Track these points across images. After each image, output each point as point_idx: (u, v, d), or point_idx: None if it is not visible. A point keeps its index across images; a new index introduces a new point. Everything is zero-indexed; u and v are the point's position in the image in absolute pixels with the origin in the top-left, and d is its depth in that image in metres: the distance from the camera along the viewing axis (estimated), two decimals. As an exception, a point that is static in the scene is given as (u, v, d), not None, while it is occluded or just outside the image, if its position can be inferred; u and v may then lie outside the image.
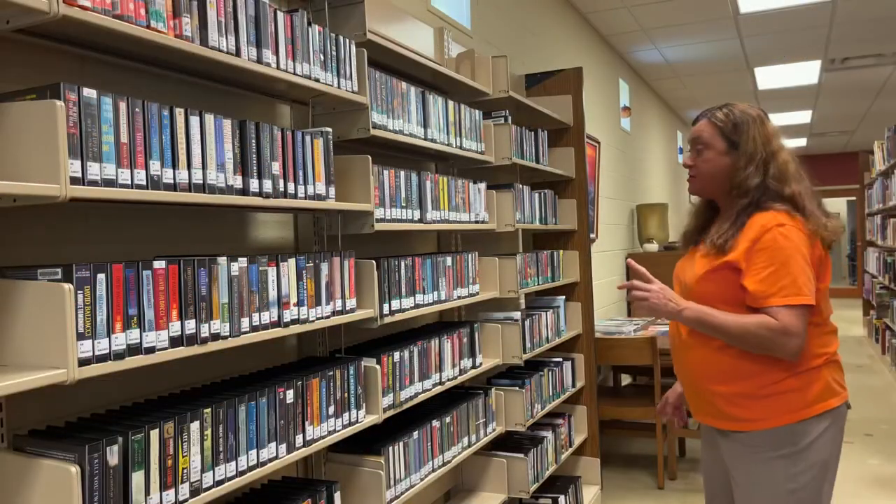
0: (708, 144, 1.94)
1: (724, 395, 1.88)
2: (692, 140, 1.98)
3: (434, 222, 2.52)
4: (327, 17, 2.23)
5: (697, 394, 1.97)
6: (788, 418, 1.81)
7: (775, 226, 1.80)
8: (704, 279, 1.88)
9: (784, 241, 1.79)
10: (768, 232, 1.80)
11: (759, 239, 1.80)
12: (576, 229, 3.93)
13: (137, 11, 1.42)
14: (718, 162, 1.93)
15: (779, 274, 1.77)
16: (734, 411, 1.86)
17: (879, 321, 8.32)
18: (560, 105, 3.90)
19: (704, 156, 1.94)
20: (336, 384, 1.96)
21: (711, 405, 1.92)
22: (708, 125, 1.95)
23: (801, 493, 1.81)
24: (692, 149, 1.98)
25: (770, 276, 1.77)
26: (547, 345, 3.45)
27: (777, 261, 1.78)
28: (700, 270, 1.90)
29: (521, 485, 3.01)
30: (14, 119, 1.24)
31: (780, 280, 1.77)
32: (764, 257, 1.79)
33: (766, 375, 1.82)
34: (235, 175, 1.64)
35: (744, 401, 1.84)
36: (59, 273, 1.27)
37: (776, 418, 1.82)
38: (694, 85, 8.17)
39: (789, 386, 1.81)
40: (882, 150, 7.52)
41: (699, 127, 1.97)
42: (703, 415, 1.98)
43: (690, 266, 1.97)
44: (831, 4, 5.48)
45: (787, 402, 1.81)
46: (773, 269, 1.78)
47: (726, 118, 1.93)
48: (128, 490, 1.35)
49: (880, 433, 5.24)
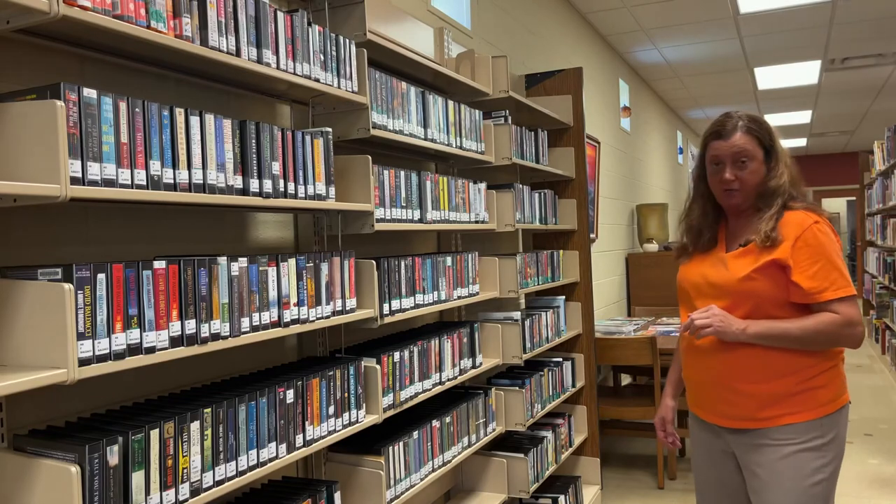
0: (752, 156, 1.95)
1: (755, 394, 1.90)
2: (736, 154, 1.94)
3: (434, 222, 2.52)
4: (327, 17, 2.24)
5: (720, 395, 1.96)
6: (816, 413, 1.88)
7: (812, 223, 1.88)
8: (750, 278, 1.89)
9: (824, 238, 1.88)
10: (807, 230, 1.87)
11: (801, 236, 1.86)
12: (576, 229, 3.93)
13: (137, 11, 1.42)
14: (760, 172, 1.96)
15: (827, 269, 1.85)
16: (764, 411, 1.90)
17: (879, 321, 8.32)
18: (560, 105, 3.90)
19: (750, 168, 1.95)
20: (336, 384, 1.96)
21: (735, 406, 1.93)
22: (747, 138, 1.95)
23: (826, 483, 1.88)
24: (733, 163, 1.95)
25: (820, 272, 1.84)
26: (547, 345, 3.45)
27: (823, 256, 1.85)
28: (743, 269, 1.91)
29: (521, 485, 3.01)
30: (14, 119, 1.24)
31: (829, 274, 1.84)
32: (809, 254, 1.85)
33: (802, 372, 1.88)
34: (235, 175, 1.64)
35: (776, 399, 1.89)
36: (59, 273, 1.27)
37: (806, 413, 1.87)
38: (694, 85, 8.17)
39: (818, 383, 1.89)
40: (882, 150, 7.52)
41: (739, 141, 1.94)
42: (722, 416, 1.98)
43: (717, 268, 1.98)
44: (831, 4, 5.48)
45: (815, 397, 1.88)
46: (821, 264, 1.85)
47: (759, 127, 1.97)
48: (128, 490, 1.35)
49: (880, 433, 5.24)
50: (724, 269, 1.96)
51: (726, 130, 1.96)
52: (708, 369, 1.99)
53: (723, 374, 1.95)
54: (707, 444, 2.08)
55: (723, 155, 1.96)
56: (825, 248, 1.86)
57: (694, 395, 2.09)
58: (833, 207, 15.70)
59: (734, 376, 1.92)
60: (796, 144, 13.36)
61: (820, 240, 1.87)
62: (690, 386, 2.09)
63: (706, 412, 2.04)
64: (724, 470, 2.05)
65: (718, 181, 1.99)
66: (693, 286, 2.05)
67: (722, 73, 7.61)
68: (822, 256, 1.85)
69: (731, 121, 1.97)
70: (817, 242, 1.86)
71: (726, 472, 2.04)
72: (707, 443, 2.08)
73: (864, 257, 9.78)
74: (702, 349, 1.99)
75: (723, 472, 2.05)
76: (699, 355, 2.01)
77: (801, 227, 1.88)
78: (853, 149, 13.88)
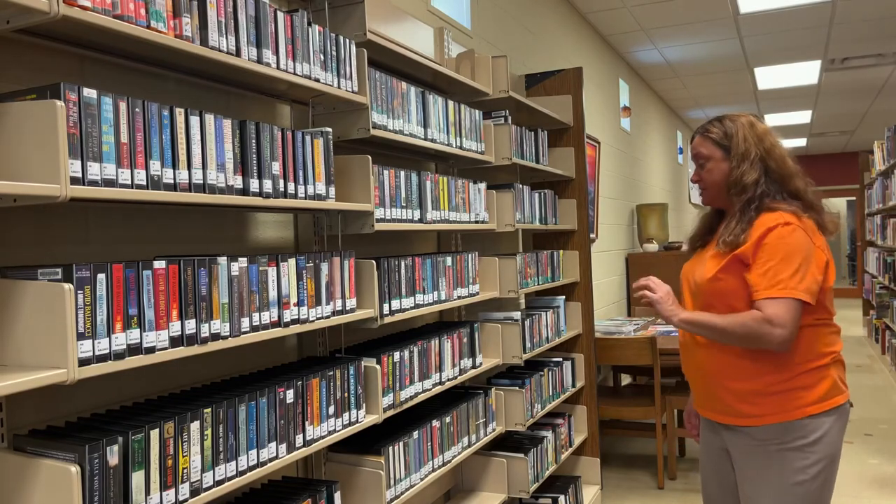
0: (707, 157, 2.04)
1: (735, 391, 1.93)
2: (694, 157, 2.08)
3: (434, 222, 2.52)
4: (327, 17, 2.24)
5: (708, 391, 2.02)
6: (799, 413, 1.87)
7: (781, 224, 1.87)
8: (715, 277, 1.94)
9: (789, 238, 1.85)
10: (772, 230, 1.86)
11: (765, 235, 1.87)
12: (576, 229, 3.93)
13: (137, 11, 1.42)
14: (719, 169, 2.02)
15: (777, 269, 1.84)
16: (745, 408, 1.92)
17: (879, 321, 8.32)
18: (560, 105, 3.90)
19: (707, 167, 2.04)
20: (336, 384, 1.96)
21: (721, 402, 1.98)
22: (702, 140, 2.06)
23: (810, 485, 1.86)
24: (697, 165, 2.08)
25: (769, 271, 1.84)
26: (547, 345, 3.45)
27: (777, 256, 1.84)
28: (711, 269, 1.96)
29: (521, 485, 3.01)
30: (14, 119, 1.24)
31: (777, 275, 1.83)
32: (765, 252, 1.86)
33: (777, 374, 1.89)
34: (235, 175, 1.64)
35: (755, 398, 1.90)
36: (59, 273, 1.27)
37: (786, 413, 1.88)
38: (694, 85, 8.17)
39: (800, 383, 1.88)
40: (882, 150, 7.52)
41: (696, 144, 2.08)
42: (712, 411, 2.03)
43: (700, 267, 2.04)
44: (831, 4, 5.48)
45: (797, 398, 1.88)
46: (773, 264, 1.84)
47: (717, 129, 2.04)
48: (128, 490, 1.35)
49: (880, 433, 5.24)
50: (701, 269, 2.02)
51: (694, 134, 2.11)
52: (697, 365, 2.04)
53: (708, 370, 1.99)
54: (708, 441, 2.12)
55: (692, 156, 2.11)
56: (785, 248, 1.84)
57: (693, 390, 2.14)
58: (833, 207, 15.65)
59: (714, 372, 1.97)
60: (796, 144, 13.36)
61: (785, 240, 1.85)
62: (689, 382, 2.14)
63: (702, 408, 2.09)
64: (722, 467, 2.08)
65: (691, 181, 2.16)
66: (687, 284, 2.11)
67: (722, 73, 7.61)
68: (775, 257, 1.84)
69: (704, 125, 2.09)
70: (779, 242, 1.85)
71: (724, 469, 2.08)
72: (708, 440, 2.12)
73: (864, 257, 9.78)
74: (689, 345, 2.05)
75: (721, 468, 2.09)
76: (687, 351, 2.07)
77: (767, 226, 1.87)
78: (853, 149, 13.88)
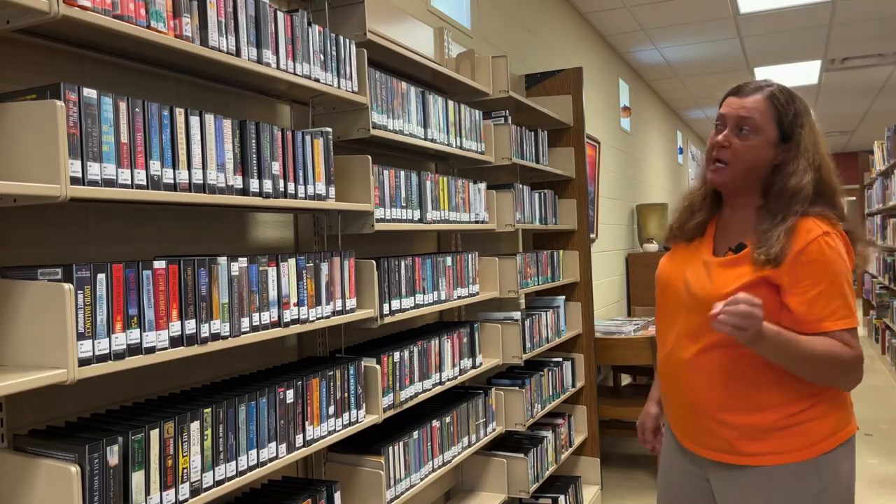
0: (758, 128, 1.60)
1: (737, 426, 1.61)
2: (741, 117, 1.60)
3: (434, 222, 2.52)
4: (327, 17, 2.23)
5: (699, 424, 1.68)
6: (813, 450, 1.57)
7: (821, 234, 1.55)
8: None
9: (832, 254, 1.54)
10: (813, 242, 1.54)
11: (804, 250, 1.54)
12: (576, 229, 3.93)
13: (137, 11, 1.42)
14: (765, 153, 1.61)
15: (829, 294, 1.53)
16: (746, 445, 1.60)
17: (879, 321, 8.33)
18: (560, 105, 3.90)
19: (751, 141, 1.60)
20: (336, 384, 1.96)
21: (718, 437, 1.64)
22: (766, 104, 1.60)
23: None
24: (734, 126, 1.61)
25: (821, 297, 1.53)
26: (547, 345, 3.45)
27: (827, 277, 1.53)
28: (729, 284, 1.58)
29: (521, 485, 3.01)
30: (14, 119, 1.24)
31: (831, 301, 1.52)
32: (811, 271, 1.53)
33: (795, 403, 1.58)
34: (235, 175, 1.64)
35: (764, 433, 1.59)
36: (59, 273, 1.27)
37: (798, 451, 1.57)
38: (694, 85, 8.17)
39: (815, 413, 1.58)
40: (882, 150, 7.52)
41: (753, 104, 1.60)
42: (702, 447, 1.69)
43: (702, 275, 1.66)
44: (831, 4, 5.48)
45: (812, 431, 1.58)
46: (821, 288, 1.53)
47: (787, 102, 1.62)
48: (128, 490, 1.35)
49: (880, 433, 5.24)
50: (707, 280, 1.63)
51: (748, 88, 1.63)
52: (686, 392, 1.68)
53: (701, 399, 1.64)
54: (680, 465, 1.79)
55: (728, 114, 1.63)
56: (832, 266, 1.53)
57: (672, 415, 1.79)
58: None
59: (713, 404, 1.63)
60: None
61: (828, 256, 1.53)
62: (669, 405, 1.79)
63: (685, 438, 1.74)
64: (693, 490, 1.76)
65: (711, 146, 1.65)
66: (674, 292, 1.72)
67: (722, 73, 7.60)
68: (826, 277, 1.53)
69: (758, 82, 1.64)
70: (824, 259, 1.53)
71: (695, 494, 1.75)
72: (680, 463, 1.79)
73: (864, 257, 9.76)
74: (679, 367, 1.68)
75: (692, 491, 1.76)
76: (676, 374, 1.70)
77: (807, 238, 1.54)
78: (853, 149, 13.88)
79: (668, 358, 1.72)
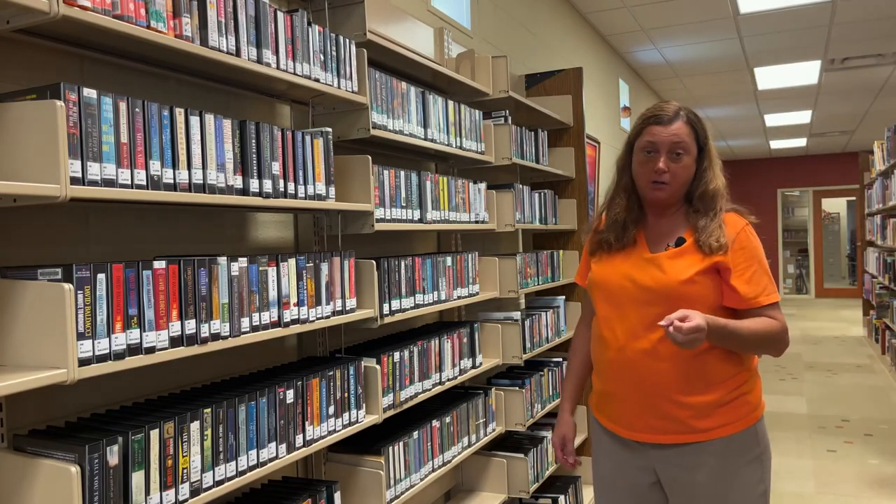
0: (688, 149, 1.80)
1: (692, 405, 1.76)
2: (674, 144, 1.78)
3: (434, 222, 2.52)
4: (327, 17, 2.23)
5: (655, 409, 1.78)
6: (751, 419, 1.81)
7: (745, 226, 1.82)
8: (693, 281, 1.75)
9: (755, 240, 1.83)
10: (741, 231, 1.81)
11: (736, 239, 1.79)
12: (576, 229, 3.93)
13: (137, 11, 1.42)
14: (692, 168, 1.82)
15: (759, 273, 1.79)
16: (699, 422, 1.76)
17: (879, 321, 8.32)
18: (560, 105, 3.90)
19: (683, 161, 1.80)
20: (336, 384, 1.96)
21: (672, 420, 1.77)
22: (688, 129, 1.80)
23: (767, 491, 1.83)
24: (669, 153, 1.78)
25: (754, 276, 1.78)
26: (547, 345, 3.45)
27: (755, 260, 1.80)
28: (684, 272, 1.76)
29: (521, 485, 3.01)
30: (14, 119, 1.24)
31: (761, 279, 1.79)
32: (744, 256, 1.78)
33: (736, 378, 1.80)
34: (235, 175, 1.64)
35: (715, 408, 1.76)
36: (59, 273, 1.27)
37: (742, 420, 1.79)
38: (694, 85, 8.17)
39: (748, 387, 1.82)
40: (882, 150, 7.52)
41: (680, 130, 1.79)
42: (652, 432, 1.80)
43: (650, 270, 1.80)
44: (831, 4, 5.48)
45: (748, 402, 1.81)
46: (754, 269, 1.79)
47: (697, 120, 1.83)
48: (128, 490, 1.35)
49: (880, 433, 5.24)
50: (659, 272, 1.79)
51: (668, 117, 1.80)
52: (643, 380, 1.78)
53: (659, 385, 1.76)
54: (618, 458, 1.89)
55: (660, 142, 1.79)
56: (757, 251, 1.81)
57: (613, 410, 1.88)
58: (833, 207, 15.69)
59: (670, 387, 1.75)
60: (796, 144, 13.35)
61: (753, 242, 1.81)
62: (610, 401, 1.89)
63: (627, 429, 1.84)
64: (639, 486, 1.86)
65: (650, 170, 1.80)
66: (620, 289, 1.84)
67: (722, 73, 7.61)
68: (754, 260, 1.79)
69: (671, 107, 1.82)
70: (751, 245, 1.80)
71: (643, 489, 1.86)
72: (617, 455, 1.89)
73: (864, 257, 9.78)
74: (636, 358, 1.78)
75: (639, 488, 1.86)
76: (632, 365, 1.79)
77: (735, 229, 1.80)
78: (853, 149, 13.88)
79: (621, 352, 1.82)
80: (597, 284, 1.91)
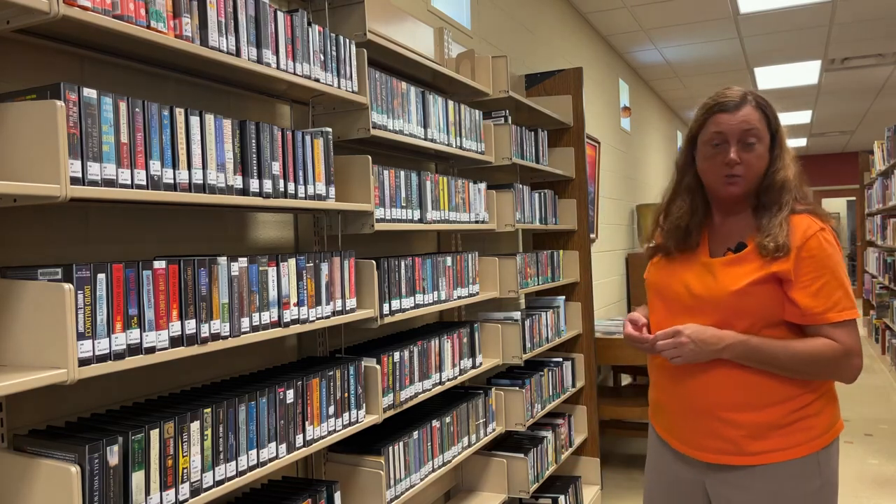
0: (761, 138, 1.63)
1: (743, 424, 1.62)
2: (745, 132, 1.62)
3: (434, 222, 2.52)
4: (327, 17, 2.24)
5: (702, 426, 1.67)
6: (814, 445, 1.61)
7: (818, 230, 1.61)
8: (746, 292, 1.59)
9: (830, 248, 1.60)
10: (812, 238, 1.59)
11: (804, 246, 1.59)
12: (576, 229, 3.93)
13: (137, 11, 1.42)
14: (766, 157, 1.65)
15: (831, 286, 1.58)
16: (751, 444, 1.62)
17: (879, 321, 8.33)
18: (560, 105, 3.90)
19: (757, 151, 1.63)
20: (336, 384, 1.96)
21: (721, 438, 1.64)
22: (758, 114, 1.64)
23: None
24: (740, 142, 1.63)
25: (824, 289, 1.57)
26: (547, 345, 3.45)
27: (827, 271, 1.58)
28: (737, 281, 1.61)
29: (521, 485, 3.01)
30: (14, 119, 1.24)
31: (833, 293, 1.58)
32: (813, 266, 1.58)
33: (798, 398, 1.61)
34: (235, 175, 1.64)
35: (770, 430, 1.61)
36: (59, 273, 1.27)
37: (801, 446, 1.61)
38: (694, 85, 8.17)
39: (815, 409, 1.62)
40: (882, 150, 7.52)
41: (749, 115, 1.62)
42: (702, 450, 1.68)
43: (705, 277, 1.67)
44: (831, 4, 5.48)
45: (813, 426, 1.62)
46: (825, 280, 1.58)
47: (767, 104, 1.66)
48: (128, 490, 1.35)
49: (880, 433, 5.24)
50: (712, 280, 1.64)
51: (734, 103, 1.64)
52: (687, 396, 1.68)
53: (706, 401, 1.65)
54: (671, 468, 1.78)
55: (729, 131, 1.63)
56: (831, 260, 1.58)
57: (666, 421, 1.77)
58: (833, 207, 15.68)
59: (719, 404, 1.63)
60: (796, 144, 13.36)
61: (826, 251, 1.58)
62: (662, 410, 1.78)
63: (680, 442, 1.73)
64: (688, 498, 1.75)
65: (720, 164, 1.64)
66: (675, 296, 1.71)
67: (722, 73, 7.60)
68: (826, 271, 1.58)
69: (736, 92, 1.66)
70: (824, 254, 1.58)
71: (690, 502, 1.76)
72: (670, 465, 1.78)
73: (864, 257, 9.78)
74: (679, 372, 1.68)
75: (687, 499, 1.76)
76: (675, 379, 1.70)
77: (806, 234, 1.59)
78: (853, 149, 13.88)
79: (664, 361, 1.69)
80: (652, 286, 1.79)
